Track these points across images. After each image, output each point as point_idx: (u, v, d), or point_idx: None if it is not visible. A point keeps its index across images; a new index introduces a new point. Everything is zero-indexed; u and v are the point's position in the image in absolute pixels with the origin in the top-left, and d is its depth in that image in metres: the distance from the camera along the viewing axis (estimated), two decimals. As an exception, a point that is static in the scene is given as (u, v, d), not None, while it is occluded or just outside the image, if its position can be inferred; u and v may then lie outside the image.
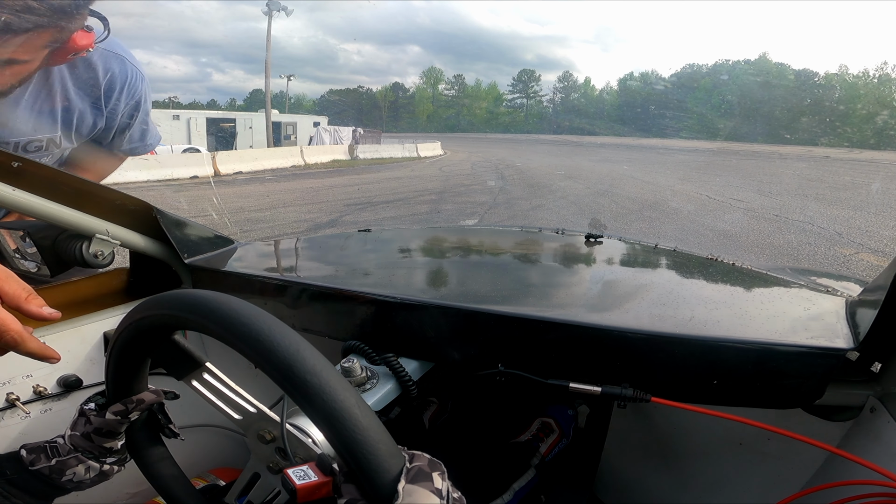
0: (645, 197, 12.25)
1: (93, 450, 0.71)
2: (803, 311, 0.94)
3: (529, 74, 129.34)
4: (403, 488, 0.47)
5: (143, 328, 0.61)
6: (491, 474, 1.20)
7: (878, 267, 6.22)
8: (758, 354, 0.75)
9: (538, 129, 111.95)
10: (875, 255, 6.91)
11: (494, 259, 1.42)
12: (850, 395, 0.84)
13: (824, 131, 78.04)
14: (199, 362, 0.66)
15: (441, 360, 0.93)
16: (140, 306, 0.60)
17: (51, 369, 1.06)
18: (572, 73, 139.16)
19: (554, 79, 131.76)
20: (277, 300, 1.08)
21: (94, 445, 0.71)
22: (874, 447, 0.78)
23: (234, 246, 1.36)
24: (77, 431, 0.72)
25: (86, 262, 1.10)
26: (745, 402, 0.78)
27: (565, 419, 1.36)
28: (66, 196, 1.02)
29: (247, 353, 0.50)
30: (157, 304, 0.59)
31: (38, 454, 0.71)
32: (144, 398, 0.71)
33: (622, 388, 0.79)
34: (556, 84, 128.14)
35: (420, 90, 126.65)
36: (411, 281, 1.19)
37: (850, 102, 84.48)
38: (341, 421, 0.48)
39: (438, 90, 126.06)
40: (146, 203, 1.15)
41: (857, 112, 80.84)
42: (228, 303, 0.53)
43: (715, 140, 74.10)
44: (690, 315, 0.89)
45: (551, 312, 0.88)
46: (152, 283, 1.27)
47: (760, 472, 1.04)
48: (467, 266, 1.36)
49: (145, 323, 0.60)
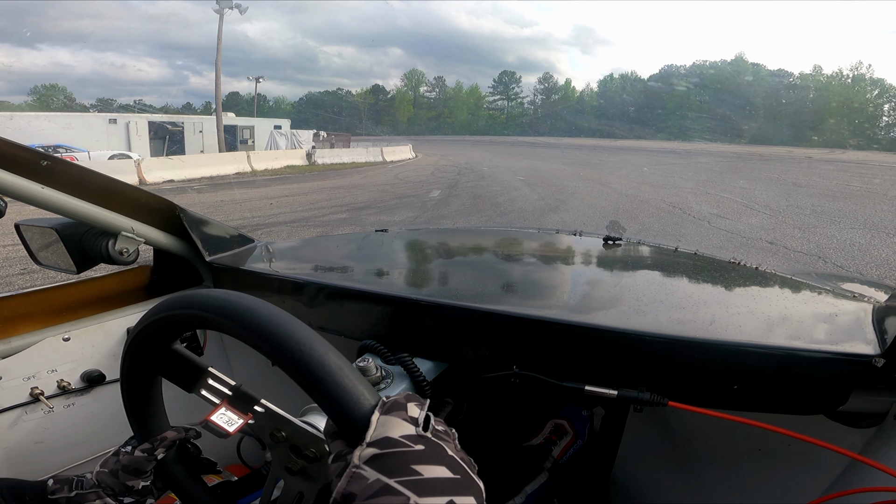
0: (605, 207, 11.31)
1: (115, 486, 0.72)
2: (828, 317, 0.92)
3: (510, 76, 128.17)
4: (378, 419, 0.48)
5: (148, 333, 0.63)
6: (503, 477, 1.19)
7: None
8: (780, 360, 0.74)
9: (519, 131, 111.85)
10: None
11: (511, 260, 1.42)
12: (874, 401, 0.81)
13: (801, 132, 78.94)
14: (202, 368, 0.67)
15: (455, 361, 0.92)
16: (149, 312, 0.63)
17: (75, 364, 1.08)
18: (553, 74, 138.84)
19: (535, 80, 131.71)
20: (295, 298, 1.09)
21: (119, 482, 0.72)
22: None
23: (254, 245, 1.38)
24: (105, 468, 0.73)
25: (111, 258, 1.12)
26: (766, 407, 0.77)
27: (580, 420, 1.34)
28: (93, 194, 1.04)
29: (238, 334, 0.54)
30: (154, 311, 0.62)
31: (62, 485, 0.72)
32: (168, 436, 0.73)
33: (639, 392, 0.78)
34: (537, 85, 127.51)
35: (400, 92, 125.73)
36: (427, 281, 1.19)
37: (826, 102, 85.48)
38: (315, 370, 0.50)
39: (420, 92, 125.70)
40: (170, 202, 1.17)
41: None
42: (225, 297, 0.56)
43: (694, 141, 74.25)
44: (711, 319, 0.87)
45: (568, 315, 0.87)
46: (175, 281, 1.29)
47: (780, 478, 1.02)
48: (483, 267, 1.37)
49: (148, 329, 0.63)
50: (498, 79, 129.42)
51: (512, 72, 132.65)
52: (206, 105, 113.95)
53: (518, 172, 19.80)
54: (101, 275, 1.22)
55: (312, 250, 1.56)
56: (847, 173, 22.27)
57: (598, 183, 16.10)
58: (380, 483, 0.43)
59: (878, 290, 1.16)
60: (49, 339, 1.06)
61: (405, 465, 0.44)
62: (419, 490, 0.43)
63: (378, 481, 0.43)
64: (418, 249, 1.56)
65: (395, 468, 0.44)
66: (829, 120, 79.17)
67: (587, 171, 21.44)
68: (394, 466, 0.44)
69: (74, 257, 1.13)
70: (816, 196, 13.63)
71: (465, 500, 0.44)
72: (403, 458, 0.45)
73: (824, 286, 1.15)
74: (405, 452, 0.45)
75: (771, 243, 7.65)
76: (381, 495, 0.42)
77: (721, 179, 18.19)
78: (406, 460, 0.45)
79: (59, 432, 1.06)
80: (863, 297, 1.05)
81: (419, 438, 0.47)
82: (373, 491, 0.43)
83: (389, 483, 0.43)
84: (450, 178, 17.44)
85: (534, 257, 1.45)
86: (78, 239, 1.12)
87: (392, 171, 20.31)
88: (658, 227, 9.03)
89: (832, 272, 5.73)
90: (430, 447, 0.47)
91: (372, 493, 0.43)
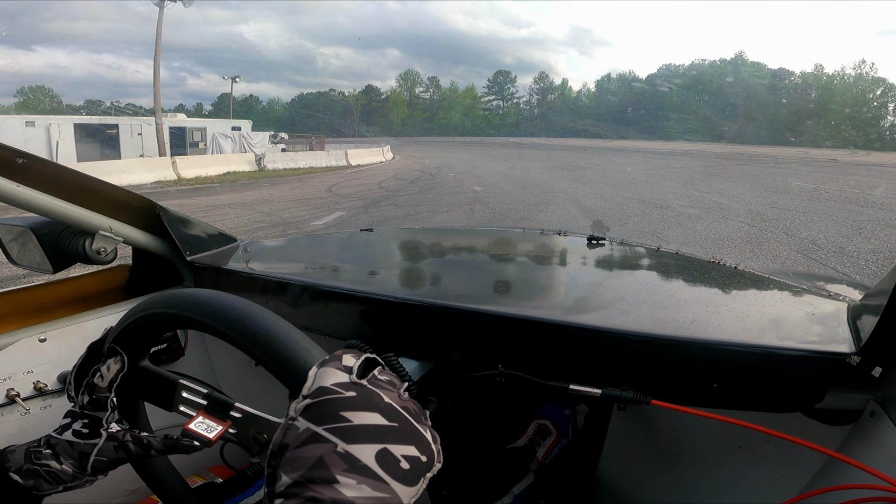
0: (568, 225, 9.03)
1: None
2: (805, 315, 0.94)
3: (505, 76, 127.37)
4: (315, 373, 0.48)
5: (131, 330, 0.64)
6: (489, 479, 1.20)
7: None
8: (759, 358, 0.75)
9: (513, 132, 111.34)
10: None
11: (496, 260, 1.42)
12: (850, 399, 0.83)
13: (811, 133, 77.70)
14: (173, 381, 0.66)
15: (441, 361, 0.93)
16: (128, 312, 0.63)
17: (51, 366, 1.06)
18: (549, 74, 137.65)
19: (531, 81, 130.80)
20: (278, 298, 1.08)
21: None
22: (874, 451, 0.77)
23: (237, 244, 1.37)
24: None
25: (88, 258, 1.11)
26: (745, 405, 0.78)
27: (562, 419, 1.35)
28: (70, 192, 1.02)
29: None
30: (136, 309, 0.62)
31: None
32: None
33: (622, 391, 0.79)
34: (532, 85, 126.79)
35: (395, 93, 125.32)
36: (412, 281, 1.19)
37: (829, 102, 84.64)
38: (259, 334, 0.54)
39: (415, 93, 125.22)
40: (149, 200, 1.15)
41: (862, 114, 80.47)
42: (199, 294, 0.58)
43: (694, 142, 72.96)
44: (692, 318, 0.88)
45: (552, 314, 0.88)
46: (155, 280, 1.27)
47: (760, 476, 1.04)
48: (468, 267, 1.37)
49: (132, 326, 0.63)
50: (493, 79, 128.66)
51: (507, 71, 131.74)
52: (198, 106, 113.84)
53: (486, 178, 18.17)
54: (78, 274, 1.20)
55: (296, 249, 1.55)
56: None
57: (571, 200, 12.70)
58: (309, 431, 0.43)
59: (853, 289, 1.19)
60: (25, 340, 1.04)
61: (334, 412, 0.44)
62: (346, 437, 0.42)
63: (308, 430, 0.43)
64: (403, 249, 1.56)
65: (323, 416, 0.44)
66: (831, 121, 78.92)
67: (568, 176, 19.57)
68: (323, 414, 0.44)
69: (51, 257, 1.11)
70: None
71: (403, 448, 0.44)
72: (333, 405, 0.45)
73: (801, 285, 1.17)
74: (335, 399, 0.45)
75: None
76: (310, 443, 0.43)
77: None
78: (335, 407, 0.45)
79: (35, 434, 1.03)
80: (838, 295, 1.06)
81: (352, 385, 0.47)
82: (302, 440, 0.43)
83: (317, 430, 0.43)
84: (399, 188, 15.35)
85: (518, 257, 1.46)
86: (54, 238, 1.10)
87: (342, 179, 18.24)
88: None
89: (808, 271, 5.77)
90: (362, 394, 0.46)
91: (301, 442, 0.43)
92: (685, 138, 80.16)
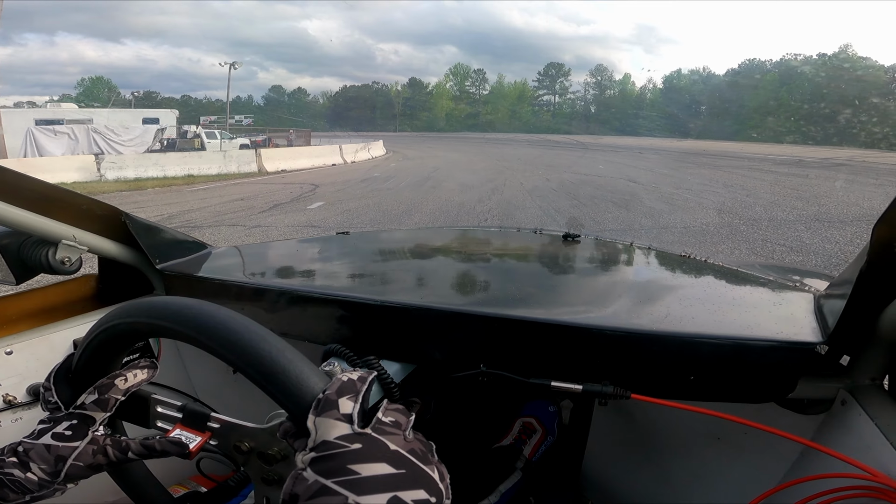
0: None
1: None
2: (774, 306, 0.95)
3: (558, 69, 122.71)
4: (314, 423, 0.48)
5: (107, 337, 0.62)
6: (476, 477, 1.19)
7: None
8: (731, 349, 0.76)
9: (566, 129, 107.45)
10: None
11: (473, 259, 1.41)
12: (821, 388, 0.86)
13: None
14: (145, 396, 0.66)
15: (423, 362, 0.92)
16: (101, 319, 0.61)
17: (19, 378, 1.04)
18: (607, 68, 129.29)
19: (586, 75, 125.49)
20: (255, 305, 1.06)
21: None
22: (846, 440, 0.79)
23: (209, 251, 1.34)
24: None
25: (52, 268, 1.07)
26: (720, 396, 0.79)
27: (547, 417, 1.35)
28: (31, 201, 1.00)
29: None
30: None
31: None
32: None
33: (603, 386, 0.79)
34: (588, 79, 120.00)
35: (439, 87, 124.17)
36: (390, 283, 1.17)
37: None
38: (255, 359, 0.51)
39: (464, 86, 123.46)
40: (114, 207, 1.13)
41: None
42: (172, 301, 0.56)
43: (785, 144, 64.44)
44: (666, 312, 0.89)
45: (531, 312, 0.88)
46: (124, 290, 1.25)
47: (739, 466, 1.05)
48: (446, 267, 1.35)
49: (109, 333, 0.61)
50: (544, 71, 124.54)
51: (560, 64, 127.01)
52: (249, 97, 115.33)
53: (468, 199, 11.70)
54: (43, 286, 1.17)
55: (271, 254, 1.53)
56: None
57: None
58: (318, 484, 0.45)
59: (818, 280, 1.22)
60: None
61: (342, 465, 0.45)
62: (356, 489, 0.44)
63: (316, 482, 0.45)
64: (380, 251, 1.55)
65: (331, 469, 0.45)
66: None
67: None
68: (330, 468, 0.45)
69: (13, 268, 1.08)
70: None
71: (412, 493, 0.44)
72: (339, 460, 0.46)
73: (768, 276, 1.20)
74: (341, 454, 0.46)
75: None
76: (321, 496, 0.44)
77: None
78: (342, 461, 0.46)
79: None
80: (805, 286, 1.09)
81: (356, 437, 0.47)
82: (312, 492, 0.44)
83: (327, 484, 0.44)
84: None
85: (495, 256, 1.46)
86: (16, 248, 1.08)
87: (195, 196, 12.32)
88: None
89: (774, 263, 5.79)
90: (368, 445, 0.47)
91: (312, 494, 0.44)
92: (783, 140, 72.27)
